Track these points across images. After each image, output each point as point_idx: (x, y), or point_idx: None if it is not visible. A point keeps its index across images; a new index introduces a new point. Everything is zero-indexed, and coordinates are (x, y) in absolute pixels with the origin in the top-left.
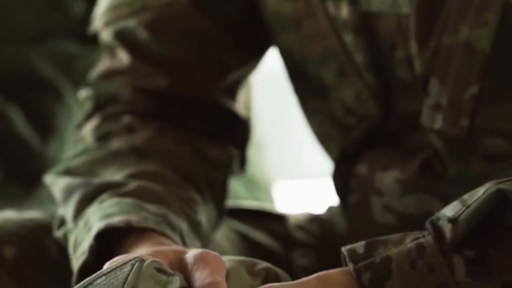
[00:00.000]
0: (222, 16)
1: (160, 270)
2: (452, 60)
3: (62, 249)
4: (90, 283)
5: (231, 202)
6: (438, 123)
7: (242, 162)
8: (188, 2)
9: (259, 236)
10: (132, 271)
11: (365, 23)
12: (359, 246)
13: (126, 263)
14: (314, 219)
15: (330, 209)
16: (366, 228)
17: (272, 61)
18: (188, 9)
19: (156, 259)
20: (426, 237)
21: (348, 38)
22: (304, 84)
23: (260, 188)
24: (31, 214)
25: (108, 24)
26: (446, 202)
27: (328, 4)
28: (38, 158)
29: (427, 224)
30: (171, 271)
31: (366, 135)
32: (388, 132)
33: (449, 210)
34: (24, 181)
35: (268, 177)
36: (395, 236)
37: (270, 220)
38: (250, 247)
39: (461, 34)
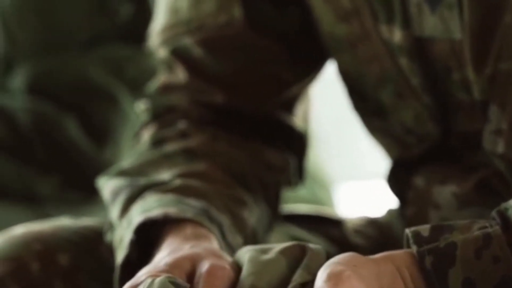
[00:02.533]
0: (278, 33)
1: (174, 284)
2: (510, 86)
3: (115, 256)
4: None
5: (288, 206)
6: (500, 148)
7: (300, 173)
8: (243, 21)
9: (315, 241)
10: (144, 283)
11: (419, 47)
12: (424, 229)
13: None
14: (372, 223)
15: (389, 212)
16: None
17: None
18: (243, 27)
19: (169, 275)
20: (494, 227)
21: (403, 61)
22: (363, 103)
23: (320, 187)
24: (86, 221)
25: (165, 42)
26: None
27: (381, 28)
28: (95, 164)
29: (494, 214)
30: (186, 285)
31: (425, 152)
32: (446, 149)
33: None
34: (82, 187)
35: (328, 176)
36: (462, 222)
37: (327, 225)
38: None
39: None
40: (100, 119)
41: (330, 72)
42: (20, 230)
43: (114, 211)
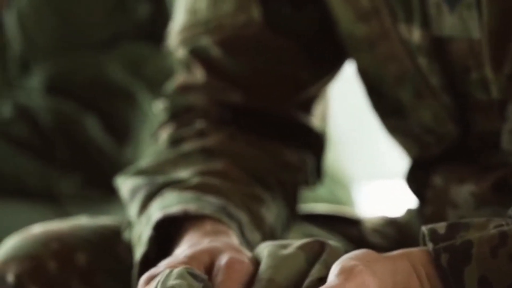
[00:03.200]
0: (296, 34)
1: (192, 275)
2: None
3: (133, 254)
4: None
5: (307, 205)
6: None
7: (318, 172)
8: (262, 21)
9: (333, 240)
10: (162, 276)
11: (438, 47)
12: (441, 226)
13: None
14: (391, 223)
15: (409, 212)
16: None
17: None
18: (262, 28)
19: (188, 266)
20: (510, 225)
21: (423, 61)
22: (382, 102)
23: (339, 186)
24: (104, 220)
25: (183, 42)
26: None
27: (401, 27)
28: (115, 163)
29: (511, 212)
30: (204, 277)
31: (444, 151)
32: (464, 149)
33: None
34: (103, 185)
35: (347, 176)
36: (478, 220)
37: (345, 224)
38: None
39: None
40: (120, 118)
41: (348, 71)
42: (38, 229)
43: (132, 209)
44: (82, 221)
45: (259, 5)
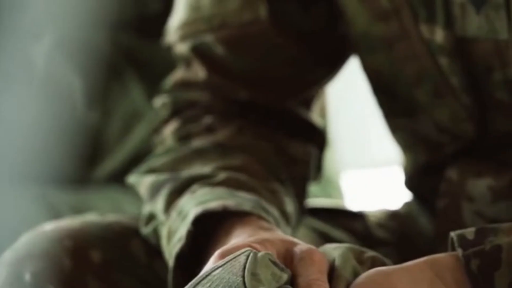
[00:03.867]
0: (301, 33)
1: (274, 263)
2: None
3: (147, 251)
4: (208, 274)
5: (308, 200)
6: None
7: (318, 168)
8: (268, 20)
9: (339, 235)
10: (249, 260)
11: (461, 47)
12: (469, 232)
13: (239, 254)
14: (393, 216)
15: (408, 204)
16: None
17: None
18: (268, 27)
19: (269, 252)
20: None
21: (444, 61)
22: (392, 102)
23: (328, 180)
24: (115, 217)
25: (184, 38)
26: None
27: (422, 27)
28: (82, 126)
29: None
30: (283, 266)
31: (458, 151)
32: (480, 148)
33: None
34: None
35: (336, 169)
36: (506, 225)
37: (349, 219)
38: None
39: None
40: (101, 88)
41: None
42: (49, 226)
43: (157, 205)
44: (91, 217)
45: (266, 4)
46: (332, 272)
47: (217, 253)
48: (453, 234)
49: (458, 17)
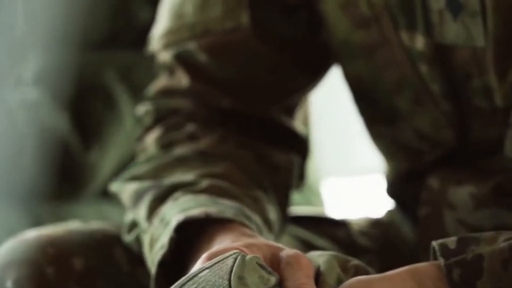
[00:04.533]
0: (284, 41)
1: (262, 266)
2: None
3: (130, 258)
4: (195, 275)
5: (291, 208)
6: None
7: (301, 176)
8: (250, 27)
9: (322, 243)
10: (236, 263)
11: (440, 54)
12: (451, 241)
13: (227, 257)
14: (376, 224)
15: (391, 213)
16: (438, 240)
17: None
18: (250, 34)
19: (257, 255)
20: None
21: (424, 68)
22: (373, 110)
23: (309, 188)
24: (97, 225)
25: (167, 46)
26: None
27: (402, 34)
28: (79, 162)
29: None
30: (271, 269)
31: (438, 158)
32: (460, 155)
33: None
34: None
35: (317, 177)
36: (488, 234)
37: (332, 226)
38: None
39: None
40: (94, 119)
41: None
42: (32, 234)
43: (139, 212)
44: (74, 225)
45: (249, 12)
46: (317, 278)
47: (205, 255)
48: (434, 243)
49: (436, 24)
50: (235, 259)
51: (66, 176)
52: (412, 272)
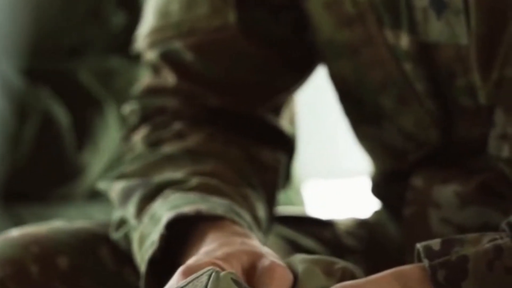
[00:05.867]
0: (271, 40)
1: (236, 282)
2: None
3: (116, 257)
4: None
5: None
6: (505, 152)
7: (287, 175)
8: (237, 26)
9: (308, 243)
10: (211, 280)
11: (424, 52)
12: (435, 243)
13: (202, 274)
14: (362, 224)
15: (377, 213)
16: (424, 239)
17: None
18: (236, 33)
19: (232, 271)
20: (504, 239)
21: (408, 66)
22: (358, 110)
23: (291, 188)
24: (82, 223)
25: (152, 45)
26: (508, 215)
27: (387, 32)
28: (72, 164)
29: (504, 226)
30: (246, 285)
31: (423, 158)
32: (446, 154)
33: None
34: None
35: (299, 176)
36: (472, 235)
37: (318, 226)
38: None
39: None
40: (85, 122)
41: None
42: (16, 232)
43: (128, 210)
44: (59, 224)
45: (235, 10)
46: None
47: (180, 269)
48: (419, 245)
49: (420, 22)
50: (210, 276)
51: (57, 176)
52: (397, 274)
